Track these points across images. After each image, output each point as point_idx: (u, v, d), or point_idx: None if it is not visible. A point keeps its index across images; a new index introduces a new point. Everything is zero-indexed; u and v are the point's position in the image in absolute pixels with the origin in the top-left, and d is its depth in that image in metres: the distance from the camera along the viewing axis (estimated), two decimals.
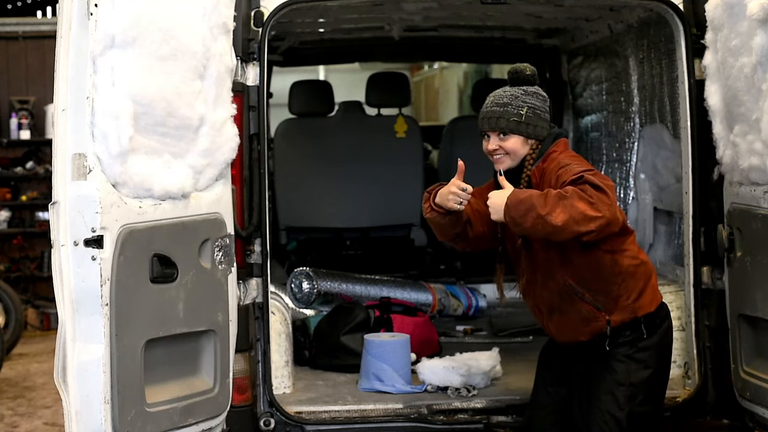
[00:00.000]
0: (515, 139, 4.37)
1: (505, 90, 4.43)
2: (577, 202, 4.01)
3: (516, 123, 4.35)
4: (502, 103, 4.39)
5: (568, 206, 4.01)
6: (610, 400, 4.33)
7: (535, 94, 4.41)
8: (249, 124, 4.84)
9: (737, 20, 4.46)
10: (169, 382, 4.25)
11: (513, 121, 4.35)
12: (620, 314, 4.34)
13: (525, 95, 4.39)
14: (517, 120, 4.34)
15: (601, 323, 4.33)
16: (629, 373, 4.34)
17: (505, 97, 4.40)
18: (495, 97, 4.43)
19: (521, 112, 4.34)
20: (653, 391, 4.43)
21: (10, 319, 10.10)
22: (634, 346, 4.36)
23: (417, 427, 4.98)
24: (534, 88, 4.43)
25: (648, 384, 4.38)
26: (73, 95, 3.92)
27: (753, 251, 4.57)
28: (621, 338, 4.35)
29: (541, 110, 4.39)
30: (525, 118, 4.35)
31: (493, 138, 4.40)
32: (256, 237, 4.88)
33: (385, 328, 5.97)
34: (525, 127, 4.35)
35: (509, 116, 4.35)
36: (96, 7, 3.90)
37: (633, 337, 4.35)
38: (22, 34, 12.52)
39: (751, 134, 4.48)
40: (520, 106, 4.36)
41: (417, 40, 7.82)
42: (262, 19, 4.86)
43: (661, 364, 4.45)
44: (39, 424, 7.85)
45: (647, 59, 6.26)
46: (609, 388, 4.33)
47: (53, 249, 3.95)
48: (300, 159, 7.97)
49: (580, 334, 4.39)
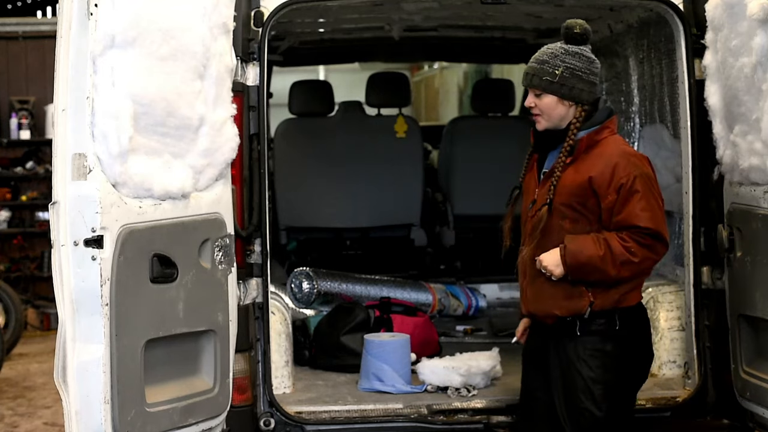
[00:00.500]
0: (549, 99, 4.28)
1: (549, 47, 4.33)
2: (643, 264, 4.23)
3: (548, 82, 4.26)
4: (541, 60, 4.30)
5: (635, 267, 4.21)
6: (588, 399, 4.28)
7: (578, 55, 4.28)
8: (249, 124, 4.84)
9: (737, 20, 4.46)
10: (169, 382, 4.25)
11: (546, 79, 4.26)
12: (604, 300, 4.27)
13: (565, 54, 4.27)
14: (549, 79, 4.25)
15: (584, 303, 4.26)
16: (605, 369, 4.28)
17: (545, 54, 4.30)
18: (538, 53, 4.34)
19: (556, 72, 4.25)
20: (629, 387, 4.38)
21: (10, 319, 10.10)
22: (606, 339, 4.28)
23: (417, 427, 4.98)
24: (578, 48, 4.30)
25: (623, 380, 4.33)
26: (73, 95, 3.92)
27: (753, 251, 4.57)
28: (594, 325, 4.28)
29: (582, 72, 4.27)
30: (559, 78, 4.24)
31: (530, 95, 4.34)
32: (256, 237, 4.88)
33: (385, 328, 5.97)
34: (559, 88, 4.25)
35: (543, 74, 4.27)
36: (96, 7, 3.90)
37: (605, 327, 4.28)
38: (22, 34, 12.52)
39: (751, 134, 4.48)
40: (556, 65, 4.26)
41: (417, 40, 7.83)
42: (262, 19, 4.86)
43: (635, 359, 4.37)
44: (39, 424, 7.85)
45: (647, 59, 6.26)
46: (586, 385, 4.28)
47: (53, 249, 3.95)
48: (300, 159, 7.97)
49: (556, 307, 4.30)
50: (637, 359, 4.39)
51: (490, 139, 8.04)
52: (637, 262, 4.18)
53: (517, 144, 6.04)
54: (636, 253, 4.18)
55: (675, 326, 5.48)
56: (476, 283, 7.43)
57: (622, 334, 4.30)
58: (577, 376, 4.29)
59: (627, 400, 4.41)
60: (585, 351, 4.29)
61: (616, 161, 4.23)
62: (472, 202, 8.06)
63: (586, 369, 4.28)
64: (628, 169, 4.22)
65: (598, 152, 4.28)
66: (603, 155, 4.26)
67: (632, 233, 4.19)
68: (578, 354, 4.29)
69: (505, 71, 14.16)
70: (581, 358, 4.29)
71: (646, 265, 4.25)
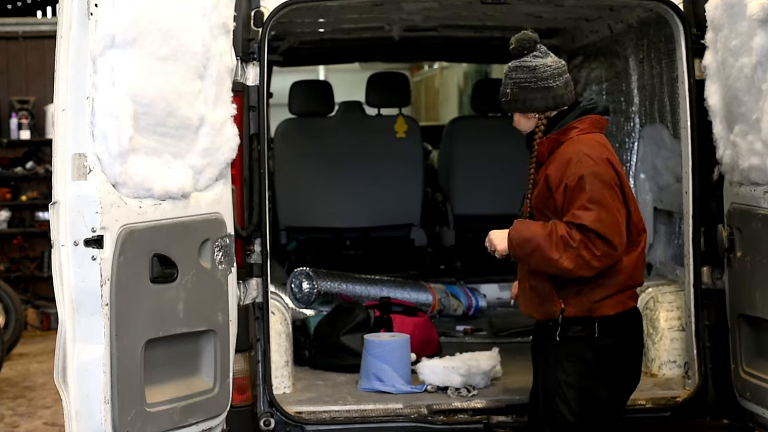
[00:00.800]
0: (516, 117, 4.44)
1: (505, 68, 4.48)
2: (583, 252, 4.16)
3: (506, 102, 4.41)
4: (501, 85, 4.45)
5: (574, 255, 4.17)
6: (561, 402, 4.29)
7: (519, 68, 4.37)
8: (249, 124, 4.84)
9: (737, 20, 4.46)
10: (169, 382, 4.25)
11: (503, 101, 4.43)
12: (576, 307, 4.29)
13: (510, 71, 4.41)
14: (505, 99, 4.41)
15: (555, 309, 4.30)
16: (580, 375, 4.29)
17: (503, 79, 4.45)
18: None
19: (507, 91, 4.40)
20: (607, 397, 4.34)
21: (10, 319, 10.10)
22: (586, 346, 4.29)
23: (417, 427, 4.98)
24: (519, 62, 4.38)
25: (601, 389, 4.31)
26: (73, 95, 3.92)
27: (753, 251, 4.57)
28: (572, 332, 4.30)
29: (528, 82, 4.35)
30: (511, 95, 4.38)
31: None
32: (256, 237, 4.88)
33: (385, 328, 5.97)
34: (514, 104, 4.39)
35: (501, 97, 4.44)
36: (96, 7, 3.90)
37: (585, 334, 4.29)
38: (22, 34, 12.52)
39: (751, 134, 4.48)
40: (506, 85, 4.41)
41: (417, 40, 7.82)
42: (262, 19, 4.86)
43: (616, 370, 4.35)
44: (39, 424, 7.85)
45: (647, 59, 6.26)
46: (560, 389, 4.30)
47: (53, 249, 3.95)
48: (300, 159, 7.97)
49: (535, 310, 4.39)
50: (618, 370, 4.36)
51: (490, 139, 8.04)
52: (574, 246, 4.13)
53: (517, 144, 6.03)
54: (574, 239, 4.15)
55: (675, 326, 5.48)
56: (476, 283, 7.43)
57: (603, 344, 4.30)
58: (554, 378, 4.33)
59: (604, 409, 4.37)
60: (563, 354, 4.32)
61: (568, 159, 4.25)
62: (472, 202, 8.06)
63: (562, 373, 4.31)
64: (577, 167, 4.21)
65: (559, 153, 4.32)
66: (560, 155, 4.31)
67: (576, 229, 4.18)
68: (557, 357, 4.33)
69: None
70: (559, 362, 4.33)
71: (586, 256, 4.15)
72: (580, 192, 4.18)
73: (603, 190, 4.19)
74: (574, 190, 4.19)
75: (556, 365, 4.34)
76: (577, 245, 4.14)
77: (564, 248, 4.15)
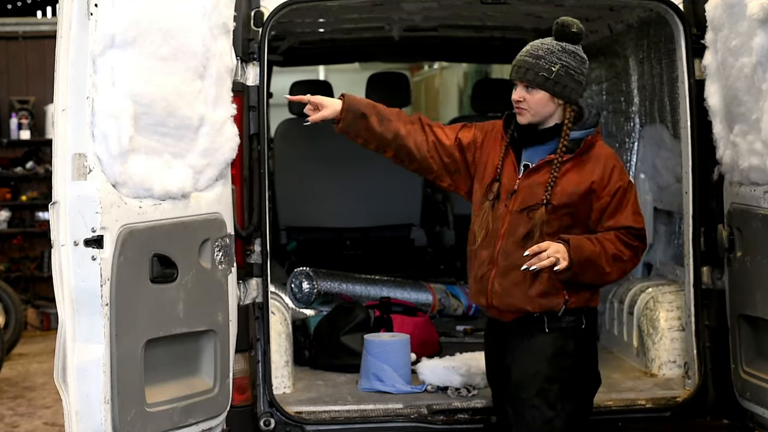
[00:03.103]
0: (541, 96, 4.21)
1: (544, 42, 4.25)
2: (628, 264, 4.27)
3: (544, 78, 4.18)
4: (537, 55, 4.21)
5: (621, 268, 4.25)
6: (541, 401, 4.21)
7: (574, 54, 4.22)
8: (249, 124, 4.84)
9: (737, 20, 4.46)
10: (169, 382, 4.25)
11: (542, 75, 4.18)
12: (578, 298, 4.25)
13: (562, 52, 4.20)
14: (545, 75, 4.18)
15: (559, 300, 4.21)
16: (562, 369, 4.22)
17: (541, 49, 4.22)
18: (532, 47, 4.26)
19: (553, 69, 4.17)
20: (584, 388, 4.32)
21: (10, 319, 10.11)
22: (569, 336, 4.24)
23: (417, 427, 4.98)
24: (574, 47, 4.23)
25: (579, 381, 4.28)
26: (73, 95, 3.92)
27: (753, 251, 4.57)
28: (563, 323, 4.24)
29: (575, 71, 4.22)
30: (555, 76, 4.18)
31: (520, 88, 4.25)
32: (256, 237, 4.88)
33: (385, 328, 5.97)
34: (553, 85, 4.19)
35: (539, 70, 4.19)
36: (96, 7, 3.90)
37: (573, 325, 4.25)
38: (22, 34, 12.52)
39: (751, 134, 4.48)
40: (553, 62, 4.18)
41: (417, 40, 7.82)
42: (262, 19, 4.86)
43: (589, 359, 4.36)
44: (39, 424, 7.85)
45: (647, 59, 6.26)
46: (540, 386, 4.21)
47: (53, 249, 3.95)
48: (300, 159, 7.97)
49: (528, 303, 4.22)
50: (592, 360, 4.39)
51: None
52: (626, 260, 4.23)
53: None
54: (624, 252, 4.23)
55: (675, 326, 5.49)
56: None
57: (585, 334, 4.31)
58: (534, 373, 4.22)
59: (581, 401, 4.33)
60: (549, 347, 4.23)
61: (613, 164, 4.27)
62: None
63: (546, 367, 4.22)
64: (623, 174, 4.30)
65: (595, 155, 4.27)
66: (600, 158, 4.27)
67: (619, 234, 4.23)
68: (542, 350, 4.23)
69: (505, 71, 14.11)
70: (543, 354, 4.22)
71: (631, 265, 4.30)
72: (632, 196, 4.27)
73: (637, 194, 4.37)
74: (626, 193, 4.25)
75: (537, 360, 4.23)
76: (627, 259, 4.23)
77: (613, 263, 4.21)
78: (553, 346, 4.25)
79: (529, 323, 4.27)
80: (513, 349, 4.33)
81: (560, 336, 4.25)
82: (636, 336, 5.76)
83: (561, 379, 4.24)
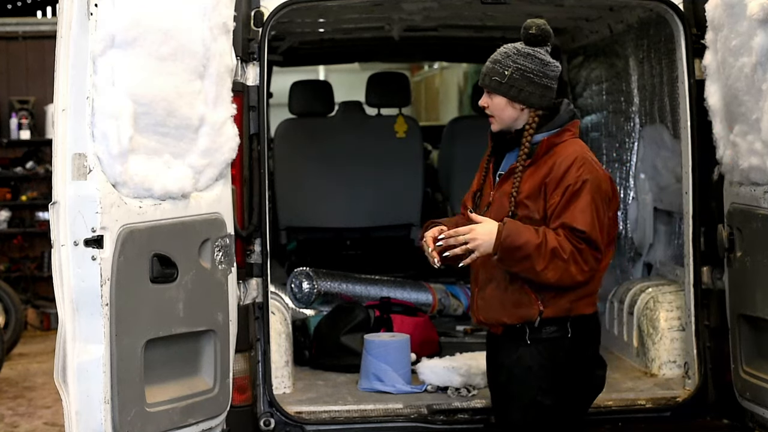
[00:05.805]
0: (499, 100, 4.17)
1: (505, 46, 4.22)
2: (571, 267, 4.01)
3: (497, 82, 4.15)
4: (494, 59, 4.19)
5: (561, 268, 4.01)
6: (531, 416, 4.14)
7: (530, 56, 4.14)
8: (249, 124, 4.84)
9: (737, 20, 4.46)
10: (169, 382, 4.25)
11: (495, 80, 4.15)
12: (555, 308, 4.12)
13: (517, 54, 4.14)
14: (498, 80, 4.14)
15: (533, 311, 4.11)
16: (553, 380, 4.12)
17: (499, 54, 4.18)
18: (495, 52, 4.24)
19: (505, 72, 4.12)
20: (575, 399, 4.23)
21: (10, 319, 10.11)
22: (555, 347, 4.13)
23: (417, 427, 4.98)
24: (531, 49, 4.15)
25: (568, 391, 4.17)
26: (73, 95, 3.92)
27: (753, 251, 4.57)
28: (544, 333, 4.13)
29: (533, 74, 4.12)
30: (508, 79, 4.12)
31: (485, 94, 4.24)
32: (256, 237, 4.88)
33: (385, 328, 5.97)
34: (508, 89, 4.13)
35: (493, 74, 4.16)
36: (96, 7, 3.91)
37: (557, 335, 4.14)
38: (22, 34, 12.52)
39: (751, 134, 4.48)
40: (507, 66, 4.13)
41: (417, 40, 7.82)
42: (262, 19, 4.86)
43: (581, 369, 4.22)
44: (39, 424, 7.85)
45: (647, 59, 6.26)
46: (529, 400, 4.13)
47: (53, 249, 3.95)
48: (300, 159, 7.97)
49: (505, 314, 4.16)
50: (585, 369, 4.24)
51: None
52: (566, 258, 4.00)
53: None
54: (565, 250, 4.01)
55: (675, 326, 5.49)
56: None
57: (573, 343, 4.15)
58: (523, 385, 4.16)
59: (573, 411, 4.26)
60: (533, 360, 4.14)
61: (569, 163, 4.10)
62: None
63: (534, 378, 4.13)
64: (580, 171, 4.09)
65: (556, 155, 4.15)
66: (559, 158, 4.13)
67: (567, 233, 4.04)
68: (527, 362, 4.15)
69: None
70: (529, 367, 4.14)
71: (574, 269, 4.02)
72: (580, 195, 4.05)
73: (600, 201, 4.09)
74: (575, 192, 4.05)
75: (525, 372, 4.15)
76: (567, 257, 4.00)
77: (551, 259, 3.99)
78: (537, 357, 4.14)
79: (514, 335, 4.18)
80: (501, 363, 4.27)
81: (545, 348, 4.14)
82: (636, 336, 5.76)
83: (551, 391, 4.13)
